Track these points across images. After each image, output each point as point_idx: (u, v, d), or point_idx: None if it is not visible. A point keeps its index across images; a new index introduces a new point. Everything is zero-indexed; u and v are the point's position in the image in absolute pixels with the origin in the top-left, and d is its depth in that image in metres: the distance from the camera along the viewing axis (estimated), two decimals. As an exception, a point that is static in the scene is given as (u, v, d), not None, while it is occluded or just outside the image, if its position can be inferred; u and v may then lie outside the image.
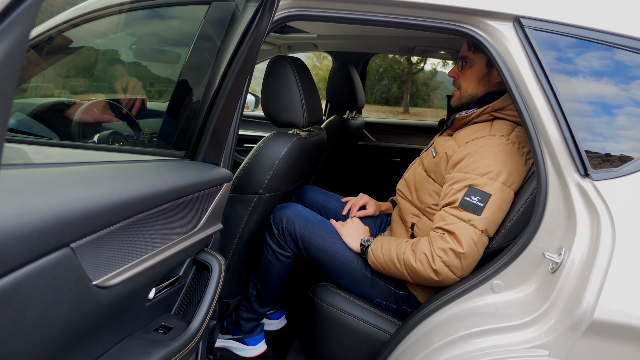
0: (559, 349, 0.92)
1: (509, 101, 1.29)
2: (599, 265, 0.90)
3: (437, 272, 1.21)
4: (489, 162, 1.21)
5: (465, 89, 1.44)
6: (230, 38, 1.01)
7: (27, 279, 0.52)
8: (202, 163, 1.03)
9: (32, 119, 1.64)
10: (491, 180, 1.20)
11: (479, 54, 1.39)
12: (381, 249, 1.36)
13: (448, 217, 1.22)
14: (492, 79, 1.40)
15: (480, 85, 1.42)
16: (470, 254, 1.19)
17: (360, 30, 2.21)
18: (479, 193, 1.19)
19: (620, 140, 1.02)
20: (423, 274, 1.23)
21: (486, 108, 1.32)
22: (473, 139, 1.28)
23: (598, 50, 1.05)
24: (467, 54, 1.42)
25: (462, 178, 1.24)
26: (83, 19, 1.41)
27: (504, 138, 1.25)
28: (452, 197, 1.24)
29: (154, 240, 0.83)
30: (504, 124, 1.30)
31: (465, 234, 1.18)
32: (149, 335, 0.89)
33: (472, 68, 1.41)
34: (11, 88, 0.40)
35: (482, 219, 1.18)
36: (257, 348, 1.71)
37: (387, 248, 1.34)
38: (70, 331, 0.65)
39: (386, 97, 9.14)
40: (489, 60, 1.38)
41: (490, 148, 1.23)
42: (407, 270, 1.27)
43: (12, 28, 0.39)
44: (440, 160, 1.36)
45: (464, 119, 1.37)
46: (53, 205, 0.56)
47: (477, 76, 1.41)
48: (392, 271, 1.33)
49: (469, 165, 1.24)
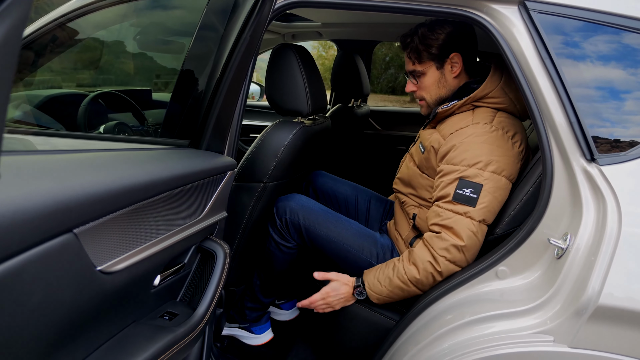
0: (564, 334, 0.92)
1: (488, 89, 1.28)
2: (605, 251, 0.89)
3: (441, 272, 1.20)
4: (475, 152, 1.20)
5: (430, 97, 1.43)
6: (232, 26, 1.01)
7: (30, 263, 0.53)
8: (206, 151, 1.03)
9: (38, 110, 1.65)
10: (480, 170, 1.19)
11: (426, 62, 1.39)
12: (379, 282, 1.30)
13: (443, 212, 1.22)
14: (448, 77, 1.39)
15: (440, 88, 1.41)
16: (472, 245, 1.18)
17: (364, 18, 2.19)
18: (470, 185, 1.19)
19: (627, 125, 1.01)
20: (431, 281, 1.22)
21: (467, 99, 1.31)
22: (457, 130, 1.27)
23: (606, 34, 1.03)
24: (415, 67, 1.41)
25: (451, 170, 1.23)
26: (87, 9, 1.41)
27: (487, 126, 1.24)
28: (443, 191, 1.23)
29: (158, 227, 0.84)
30: (485, 111, 1.29)
31: (464, 226, 1.18)
32: (154, 321, 0.90)
33: (426, 77, 1.41)
34: (10, 70, 0.41)
35: (477, 210, 1.18)
36: (264, 336, 1.73)
37: (385, 277, 1.28)
38: (75, 316, 0.65)
39: (392, 86, 9.05)
40: (437, 64, 1.38)
41: (475, 138, 1.22)
42: (415, 285, 1.24)
43: (8, 13, 0.39)
44: (429, 154, 1.35)
45: (446, 112, 1.36)
46: (55, 191, 0.56)
47: (433, 82, 1.41)
48: (401, 295, 1.29)
49: (456, 157, 1.23)
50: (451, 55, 1.36)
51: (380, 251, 1.48)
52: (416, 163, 1.45)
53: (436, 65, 1.39)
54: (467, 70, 1.40)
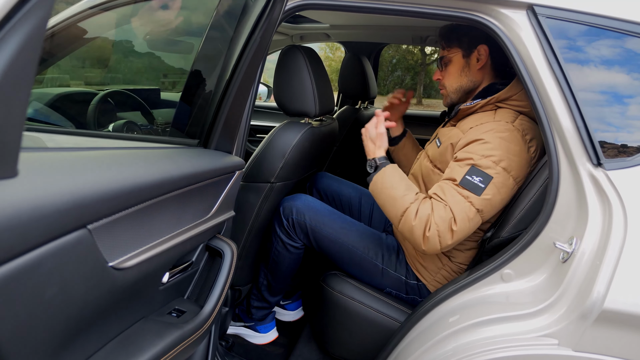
0: (569, 337, 0.92)
1: (513, 92, 1.29)
2: (610, 255, 0.89)
3: (428, 238, 1.18)
4: (493, 145, 1.21)
5: (450, 86, 1.45)
6: (242, 27, 1.02)
7: (46, 258, 0.55)
8: (215, 151, 1.05)
9: (49, 108, 1.67)
10: (494, 163, 1.19)
11: (453, 49, 1.42)
12: (391, 180, 1.31)
13: (448, 190, 1.21)
14: (472, 67, 1.41)
15: (462, 77, 1.43)
16: (462, 230, 1.18)
17: (372, 20, 2.20)
18: (481, 174, 1.19)
19: (634, 130, 1.01)
20: (415, 233, 1.20)
21: (491, 99, 1.32)
22: (477, 124, 1.29)
23: (613, 39, 1.03)
24: (444, 53, 1.45)
25: (466, 157, 1.23)
26: (98, 9, 1.43)
27: (508, 124, 1.25)
28: (453, 173, 1.24)
29: (168, 225, 0.85)
30: (508, 112, 1.30)
31: (462, 210, 1.18)
32: (162, 318, 0.92)
33: (451, 63, 1.44)
34: (33, 67, 0.42)
35: (480, 199, 1.18)
36: (269, 335, 1.74)
37: (398, 185, 1.29)
38: (87, 310, 0.67)
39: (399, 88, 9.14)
40: (464, 52, 1.40)
41: (495, 133, 1.23)
42: (402, 217, 1.23)
43: (33, 13, 0.41)
44: (445, 150, 1.36)
45: (468, 110, 1.37)
46: (71, 187, 0.57)
47: (457, 69, 1.43)
48: (386, 207, 1.29)
49: (473, 146, 1.24)
50: (479, 46, 1.38)
51: (385, 252, 1.49)
52: (430, 158, 1.46)
53: (463, 53, 1.41)
54: (494, 71, 1.42)
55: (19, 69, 0.43)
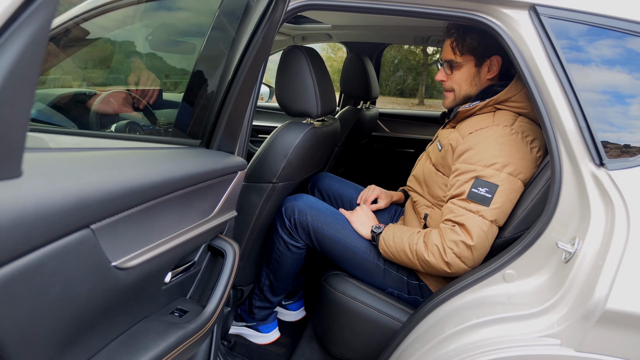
0: (571, 338, 0.92)
1: (512, 93, 1.29)
2: (613, 255, 0.89)
3: (449, 264, 1.22)
4: (493, 152, 1.21)
5: (459, 91, 1.44)
6: (244, 28, 1.02)
7: (50, 257, 0.55)
8: (217, 151, 1.05)
9: (51, 109, 1.68)
10: (497, 171, 1.20)
11: (466, 56, 1.39)
12: (393, 238, 1.37)
13: (457, 209, 1.23)
14: (482, 77, 1.41)
15: (472, 85, 1.42)
16: (481, 245, 1.19)
17: (374, 20, 2.20)
18: (486, 184, 1.19)
19: (636, 130, 1.01)
20: (435, 265, 1.25)
21: (489, 101, 1.32)
22: (477, 130, 1.29)
23: (616, 39, 1.03)
24: (454, 58, 1.41)
25: (468, 169, 1.24)
26: (100, 10, 1.43)
27: (507, 128, 1.25)
28: (459, 189, 1.24)
29: (170, 225, 0.85)
30: (506, 114, 1.30)
31: (475, 225, 1.19)
32: (165, 318, 0.92)
33: (461, 70, 1.42)
34: (37, 68, 0.42)
35: (490, 209, 1.19)
36: (270, 335, 1.74)
37: (399, 238, 1.35)
38: (91, 310, 0.67)
39: (401, 88, 9.09)
40: (476, 61, 1.39)
41: (495, 139, 1.23)
42: (419, 261, 1.28)
43: (37, 14, 0.41)
44: (446, 153, 1.36)
45: (467, 112, 1.37)
46: (74, 188, 0.58)
47: (468, 77, 1.42)
48: (404, 261, 1.35)
49: (474, 156, 1.24)
50: (492, 57, 1.37)
51: (387, 253, 1.49)
52: (432, 161, 1.47)
53: (475, 62, 1.39)
54: (498, 75, 1.42)
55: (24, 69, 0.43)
